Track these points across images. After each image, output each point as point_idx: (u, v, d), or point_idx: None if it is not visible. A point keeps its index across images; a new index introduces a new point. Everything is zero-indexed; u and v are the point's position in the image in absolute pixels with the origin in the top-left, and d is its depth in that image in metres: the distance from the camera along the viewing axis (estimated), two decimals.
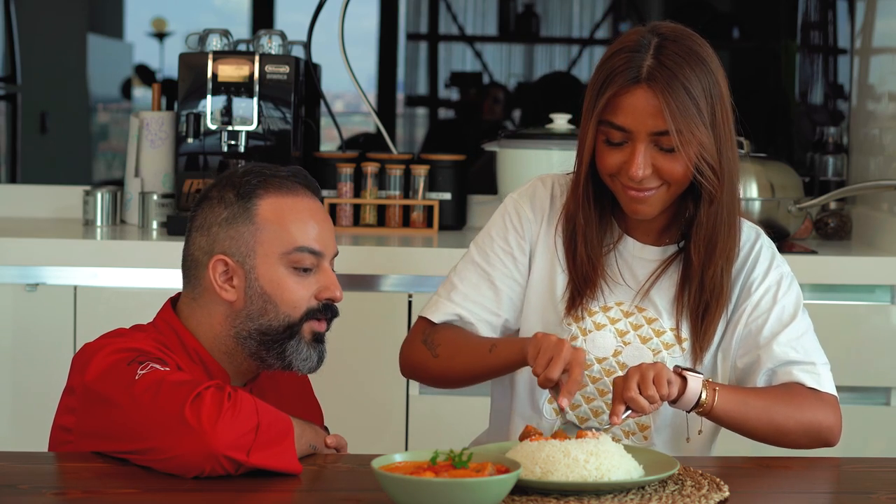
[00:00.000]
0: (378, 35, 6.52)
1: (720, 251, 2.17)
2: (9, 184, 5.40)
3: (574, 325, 2.21)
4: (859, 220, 3.70)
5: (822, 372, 2.20)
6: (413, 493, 1.68)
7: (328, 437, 2.12)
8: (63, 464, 1.98)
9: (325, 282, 2.11)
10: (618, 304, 2.22)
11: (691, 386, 2.06)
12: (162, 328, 2.12)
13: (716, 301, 2.19)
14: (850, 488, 1.99)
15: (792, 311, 2.22)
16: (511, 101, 6.20)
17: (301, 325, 2.09)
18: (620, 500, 1.82)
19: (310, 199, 2.14)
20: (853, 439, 3.21)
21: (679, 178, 2.12)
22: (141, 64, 7.96)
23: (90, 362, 1.99)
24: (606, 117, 2.11)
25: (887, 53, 3.72)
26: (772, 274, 2.23)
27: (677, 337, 2.20)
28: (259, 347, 2.09)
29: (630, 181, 2.12)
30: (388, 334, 3.18)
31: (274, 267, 2.08)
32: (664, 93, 2.07)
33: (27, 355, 3.22)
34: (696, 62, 2.11)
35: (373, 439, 3.14)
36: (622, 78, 2.09)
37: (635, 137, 2.10)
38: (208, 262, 2.09)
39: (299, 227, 2.10)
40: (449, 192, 3.66)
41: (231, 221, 2.09)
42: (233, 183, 2.11)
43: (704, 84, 2.10)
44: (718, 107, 2.12)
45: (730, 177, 2.16)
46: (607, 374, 2.20)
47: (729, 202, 2.17)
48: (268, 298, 2.08)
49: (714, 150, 2.12)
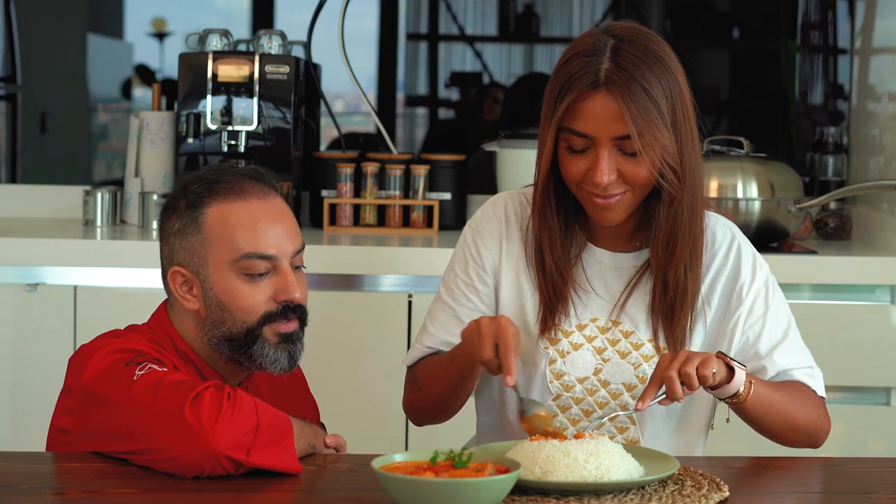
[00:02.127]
0: (378, 35, 6.52)
1: (681, 252, 2.14)
2: (9, 184, 5.40)
3: (551, 347, 2.18)
4: (859, 220, 3.70)
5: (817, 375, 2.21)
6: (413, 493, 1.69)
7: (327, 437, 2.12)
8: (63, 464, 1.98)
9: (282, 284, 2.08)
10: (592, 321, 2.19)
11: (737, 377, 2.04)
12: (156, 329, 2.13)
13: (680, 302, 2.15)
14: (850, 488, 1.99)
15: (785, 314, 2.22)
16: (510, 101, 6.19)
17: (260, 328, 2.07)
18: (620, 500, 1.82)
19: (259, 200, 2.09)
20: (853, 439, 3.22)
21: (643, 181, 2.08)
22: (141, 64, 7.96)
23: (87, 363, 1.99)
24: (567, 124, 2.07)
25: (887, 53, 3.72)
26: (758, 276, 2.21)
27: (656, 347, 2.18)
28: (231, 352, 2.09)
29: (595, 188, 2.08)
30: (388, 334, 3.18)
31: (225, 275, 2.07)
32: (624, 96, 2.03)
33: (27, 355, 3.22)
34: (653, 62, 2.07)
35: (373, 439, 3.14)
36: (580, 83, 2.05)
37: (598, 143, 2.06)
38: (168, 274, 2.11)
39: (245, 234, 2.06)
40: (449, 192, 3.66)
41: (182, 232, 2.09)
42: (184, 191, 2.11)
43: (664, 84, 2.06)
44: (679, 106, 2.08)
45: (692, 177, 2.12)
46: (590, 394, 2.18)
47: (690, 203, 2.12)
48: (223, 307, 2.07)
49: (675, 152, 2.08)
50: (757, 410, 2.10)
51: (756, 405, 2.09)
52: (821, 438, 2.21)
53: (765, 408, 2.10)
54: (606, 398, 2.17)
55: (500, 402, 2.25)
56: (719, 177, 3.32)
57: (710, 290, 2.20)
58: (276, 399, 2.15)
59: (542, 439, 1.90)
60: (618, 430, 2.19)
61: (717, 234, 2.22)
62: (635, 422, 2.19)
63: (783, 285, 2.44)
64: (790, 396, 2.15)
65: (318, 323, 3.17)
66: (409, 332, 3.17)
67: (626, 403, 2.16)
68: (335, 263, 3.24)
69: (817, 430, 2.19)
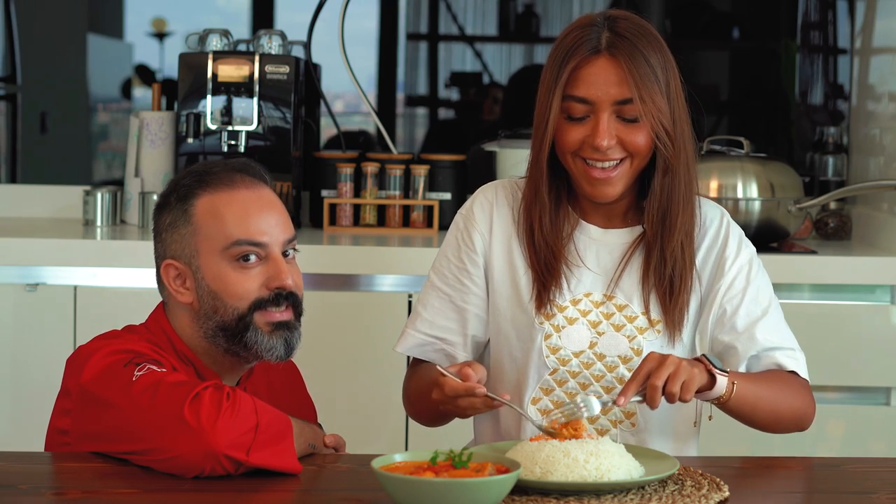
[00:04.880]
0: (378, 35, 6.52)
1: (679, 225, 2.18)
2: (9, 184, 5.40)
3: (546, 322, 2.21)
4: (859, 220, 3.70)
5: (800, 358, 2.23)
6: (413, 493, 1.69)
7: (327, 437, 2.12)
8: (62, 464, 1.98)
9: (273, 271, 2.09)
10: (586, 296, 2.22)
11: (718, 385, 2.06)
12: (153, 329, 2.13)
13: (679, 276, 2.19)
14: (850, 488, 1.99)
15: (767, 294, 2.24)
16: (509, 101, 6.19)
17: (251, 315, 2.07)
18: (620, 500, 1.83)
19: (248, 190, 2.11)
20: (853, 439, 3.22)
21: (642, 148, 2.13)
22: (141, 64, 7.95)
23: (86, 364, 1.99)
24: (567, 91, 2.12)
25: (887, 53, 3.72)
26: (743, 253, 2.25)
27: (649, 320, 2.20)
28: (227, 343, 2.09)
29: (594, 152, 2.12)
30: (388, 334, 3.17)
31: (216, 264, 2.08)
32: (626, 60, 2.10)
33: (27, 355, 3.22)
34: (650, 36, 2.15)
35: (373, 439, 3.14)
36: (582, 49, 2.12)
37: (598, 108, 2.12)
38: (161, 268, 2.11)
39: (235, 221, 2.08)
40: (449, 192, 3.66)
41: (174, 225, 2.10)
42: (174, 187, 2.13)
43: (659, 58, 2.13)
44: (673, 82, 2.15)
45: (685, 150, 2.17)
46: (586, 367, 2.20)
47: (685, 175, 2.18)
48: (215, 295, 2.08)
49: (670, 119, 2.13)
50: (742, 408, 2.12)
51: (740, 404, 2.10)
52: (807, 422, 2.23)
53: (749, 405, 2.12)
54: (602, 371, 2.19)
55: (493, 383, 2.26)
56: (719, 177, 3.32)
57: (702, 265, 2.24)
58: (274, 399, 2.15)
59: (543, 439, 1.90)
60: (625, 415, 2.21)
61: (707, 214, 2.27)
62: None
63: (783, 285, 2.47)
64: (776, 389, 2.17)
65: (319, 323, 3.19)
66: None
67: (623, 376, 2.18)
68: (335, 263, 3.24)
69: (802, 415, 2.21)
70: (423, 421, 2.31)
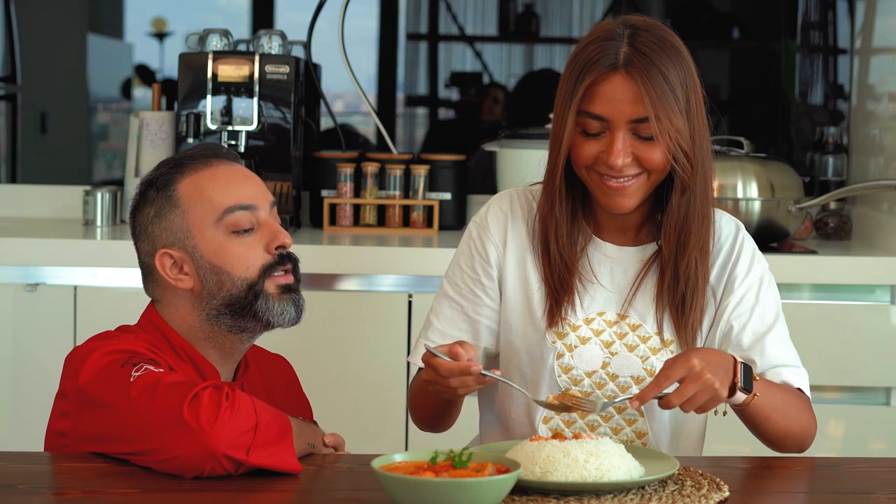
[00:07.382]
0: (378, 35, 6.52)
1: (693, 242, 2.15)
2: (9, 184, 5.40)
3: (559, 342, 2.19)
4: (859, 220, 3.70)
5: (804, 375, 2.21)
6: (413, 493, 1.68)
7: (326, 436, 2.12)
8: (62, 464, 1.98)
9: (270, 233, 2.11)
10: (600, 315, 2.20)
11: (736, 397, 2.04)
12: (147, 328, 2.13)
13: (692, 294, 2.16)
14: (850, 488, 1.99)
15: (773, 311, 2.22)
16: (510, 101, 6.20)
17: (261, 282, 2.09)
18: (620, 500, 1.82)
19: (225, 165, 2.14)
20: (853, 439, 3.22)
21: (658, 165, 2.10)
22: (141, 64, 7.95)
23: (83, 365, 1.99)
24: (583, 107, 2.09)
25: (887, 53, 3.72)
26: (754, 270, 2.22)
27: (662, 340, 2.18)
28: (233, 319, 2.10)
29: (609, 170, 2.09)
30: (388, 334, 3.18)
31: (213, 238, 2.09)
32: (643, 78, 2.05)
33: (27, 355, 3.22)
34: (670, 50, 2.09)
35: (372, 439, 3.13)
36: (599, 66, 2.07)
37: (614, 126, 2.08)
38: (154, 261, 2.11)
39: (221, 192, 2.10)
40: (449, 192, 3.66)
41: (159, 215, 2.11)
42: (150, 181, 2.14)
43: (679, 72, 2.08)
44: (693, 97, 2.10)
45: (703, 167, 2.13)
46: (598, 387, 2.18)
47: (702, 192, 2.14)
48: (219, 270, 2.08)
49: (688, 138, 2.09)
50: (755, 418, 2.10)
51: (755, 413, 2.09)
52: (809, 442, 2.20)
53: (763, 415, 2.10)
54: (615, 391, 2.17)
55: (502, 396, 2.25)
56: (719, 177, 3.32)
57: (716, 282, 2.21)
58: (270, 396, 2.16)
59: (543, 440, 1.90)
60: (626, 423, 2.20)
61: (723, 228, 2.23)
62: (643, 414, 2.20)
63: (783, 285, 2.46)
64: (788, 403, 2.14)
65: (319, 323, 3.18)
66: (409, 332, 3.17)
67: None
68: (335, 263, 3.24)
69: (806, 434, 2.18)
70: (426, 423, 2.29)
